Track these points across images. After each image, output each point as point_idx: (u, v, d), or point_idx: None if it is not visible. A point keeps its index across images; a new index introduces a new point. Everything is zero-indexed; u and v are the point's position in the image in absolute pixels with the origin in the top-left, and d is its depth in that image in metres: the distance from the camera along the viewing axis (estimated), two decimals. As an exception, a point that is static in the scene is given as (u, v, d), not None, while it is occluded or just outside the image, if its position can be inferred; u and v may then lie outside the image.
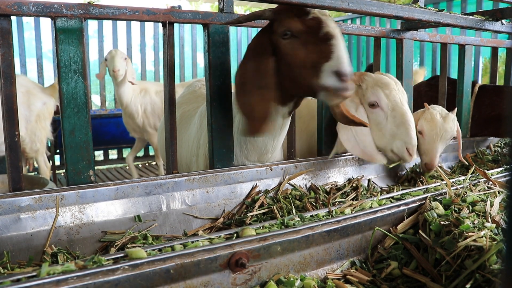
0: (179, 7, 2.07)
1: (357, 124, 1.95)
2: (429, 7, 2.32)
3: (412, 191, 1.72)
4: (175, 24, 1.97)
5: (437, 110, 2.49)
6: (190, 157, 2.29)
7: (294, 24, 1.64)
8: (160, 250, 1.09)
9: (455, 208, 1.46)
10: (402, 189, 1.93)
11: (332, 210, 1.41)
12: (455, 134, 2.47)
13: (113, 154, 6.63)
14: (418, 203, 1.52)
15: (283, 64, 1.72)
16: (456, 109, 2.58)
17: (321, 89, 1.59)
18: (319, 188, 2.12)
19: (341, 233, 1.31)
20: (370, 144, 2.09)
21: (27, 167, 4.33)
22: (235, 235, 1.21)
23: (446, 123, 2.42)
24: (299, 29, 1.63)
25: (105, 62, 4.56)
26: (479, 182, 1.75)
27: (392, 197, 1.63)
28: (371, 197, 1.89)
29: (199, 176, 1.88)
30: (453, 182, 1.72)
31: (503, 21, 2.71)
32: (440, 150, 2.43)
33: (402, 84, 2.76)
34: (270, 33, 1.74)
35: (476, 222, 1.36)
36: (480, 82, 5.40)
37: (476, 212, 1.44)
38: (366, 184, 2.28)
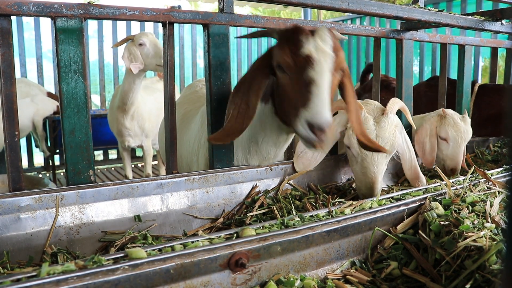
0: (179, 7, 2.07)
1: (375, 150, 1.86)
2: (429, 8, 2.33)
3: (412, 191, 1.72)
4: (175, 24, 1.97)
5: (453, 113, 2.51)
6: (191, 157, 2.30)
7: (285, 59, 1.59)
8: (160, 250, 1.09)
9: (455, 208, 1.46)
10: (402, 189, 1.93)
11: (332, 210, 1.41)
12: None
13: (112, 154, 6.63)
14: (418, 203, 1.52)
15: (277, 91, 1.74)
16: (466, 111, 2.65)
17: (297, 134, 1.60)
18: (319, 188, 2.13)
19: (341, 233, 1.31)
20: (314, 161, 2.13)
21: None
22: (235, 235, 1.21)
23: (466, 125, 2.48)
24: (289, 66, 1.59)
25: (138, 48, 3.55)
26: (479, 182, 1.75)
27: (392, 197, 1.63)
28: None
29: (199, 176, 1.88)
30: (453, 182, 1.72)
31: (503, 21, 2.71)
32: (463, 152, 2.46)
33: (402, 84, 2.77)
34: (274, 55, 1.71)
35: (476, 222, 1.36)
36: (480, 82, 5.41)
37: (476, 212, 1.44)
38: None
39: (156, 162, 5.84)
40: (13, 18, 1.70)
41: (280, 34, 1.69)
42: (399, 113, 2.29)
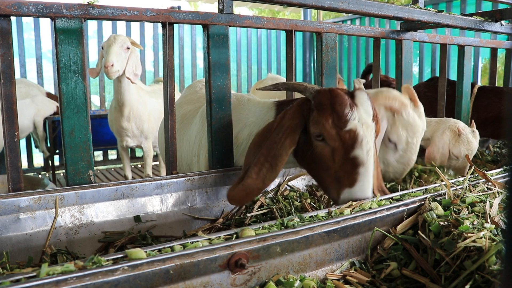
0: (179, 7, 2.07)
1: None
2: (428, 8, 2.33)
3: (412, 192, 1.72)
4: (174, 25, 1.97)
5: (466, 130, 2.56)
6: (191, 157, 2.30)
7: (329, 132, 1.53)
8: (159, 250, 1.09)
9: (454, 209, 1.46)
10: (401, 190, 1.93)
11: (332, 211, 1.41)
12: None
13: (112, 154, 6.62)
14: (417, 204, 1.52)
15: (311, 154, 1.63)
16: (473, 122, 2.69)
17: (334, 202, 1.60)
18: (319, 189, 2.12)
19: (340, 233, 1.31)
20: None
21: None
22: (234, 235, 1.21)
23: (477, 142, 2.55)
24: (333, 139, 1.53)
25: (102, 52, 3.56)
26: (479, 183, 1.75)
27: (392, 198, 1.63)
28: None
29: (199, 176, 1.88)
30: (452, 183, 1.72)
31: (503, 22, 2.71)
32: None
33: (401, 85, 2.77)
34: (306, 112, 1.63)
35: (475, 223, 1.36)
36: (479, 83, 5.41)
37: (476, 213, 1.44)
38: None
39: (157, 163, 5.85)
40: (13, 18, 1.70)
41: (318, 98, 1.58)
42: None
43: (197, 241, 1.14)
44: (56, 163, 5.41)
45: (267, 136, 1.63)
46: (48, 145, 5.17)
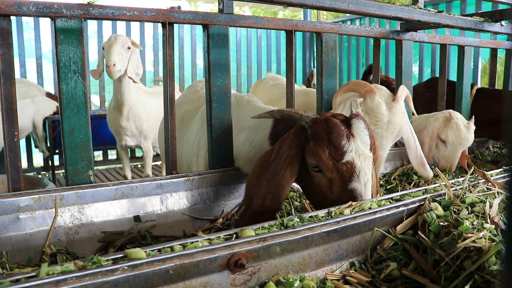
0: (179, 7, 2.07)
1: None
2: (428, 8, 2.33)
3: (412, 192, 1.72)
4: (174, 25, 1.97)
5: (459, 118, 2.56)
6: (190, 157, 2.30)
7: (325, 164, 1.51)
8: (159, 250, 1.09)
9: (454, 209, 1.46)
10: (401, 190, 1.93)
11: (332, 211, 1.41)
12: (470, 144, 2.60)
13: (112, 154, 6.62)
14: (417, 204, 1.52)
15: (309, 184, 1.63)
16: (473, 117, 2.67)
17: None
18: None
19: (340, 234, 1.31)
20: None
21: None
22: (234, 235, 1.20)
23: (469, 133, 2.54)
24: (330, 171, 1.52)
25: (103, 53, 3.56)
26: (478, 183, 1.75)
27: (392, 198, 1.63)
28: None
29: (198, 176, 1.88)
30: (452, 183, 1.72)
31: (502, 22, 2.71)
32: (458, 157, 2.51)
33: (401, 85, 2.78)
34: (303, 140, 1.61)
35: (475, 223, 1.36)
36: (479, 83, 5.40)
37: (475, 213, 1.44)
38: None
39: (158, 163, 5.84)
40: (13, 18, 1.70)
41: (314, 128, 1.56)
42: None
43: (197, 241, 1.14)
44: (56, 163, 5.40)
45: (266, 167, 1.62)
46: (48, 145, 5.16)
